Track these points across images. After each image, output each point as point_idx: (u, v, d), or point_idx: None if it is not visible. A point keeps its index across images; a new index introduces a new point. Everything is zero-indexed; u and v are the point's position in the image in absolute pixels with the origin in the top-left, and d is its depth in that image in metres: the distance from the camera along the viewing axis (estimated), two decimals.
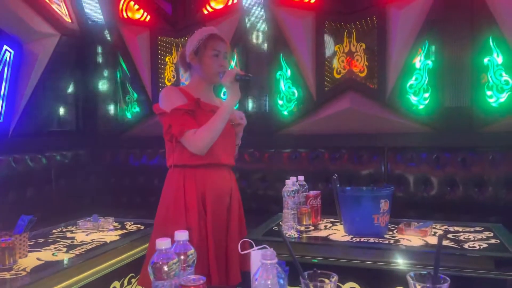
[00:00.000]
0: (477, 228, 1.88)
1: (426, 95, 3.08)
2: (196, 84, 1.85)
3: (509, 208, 2.65)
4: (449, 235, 1.77)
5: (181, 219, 1.69)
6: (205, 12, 3.66)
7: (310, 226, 1.95)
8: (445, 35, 3.00)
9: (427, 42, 3.06)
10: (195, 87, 1.84)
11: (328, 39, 3.34)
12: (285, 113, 3.44)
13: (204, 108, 1.77)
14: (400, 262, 1.58)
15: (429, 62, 3.07)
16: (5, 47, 3.10)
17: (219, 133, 1.71)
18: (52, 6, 3.43)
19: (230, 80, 1.71)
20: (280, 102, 3.46)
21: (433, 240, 1.69)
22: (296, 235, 1.83)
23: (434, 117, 3.05)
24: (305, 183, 2.04)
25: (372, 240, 1.71)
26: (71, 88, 3.80)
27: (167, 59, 3.83)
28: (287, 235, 1.81)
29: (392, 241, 1.69)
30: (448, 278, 0.80)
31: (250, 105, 3.47)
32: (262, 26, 3.43)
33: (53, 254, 1.72)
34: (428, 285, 0.78)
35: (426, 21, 3.05)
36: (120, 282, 1.90)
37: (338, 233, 1.85)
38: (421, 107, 3.10)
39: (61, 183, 3.28)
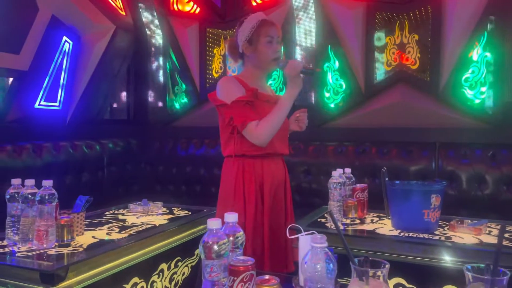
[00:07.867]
0: None
1: (483, 89, 2.92)
2: (250, 73, 1.85)
3: None
4: (506, 235, 1.68)
5: (240, 208, 1.73)
6: (254, 3, 3.68)
7: (356, 220, 1.92)
8: (505, 26, 2.83)
9: (486, 33, 2.89)
10: (249, 77, 1.84)
11: (379, 31, 3.25)
12: (332, 105, 3.39)
13: (261, 98, 1.79)
14: (451, 260, 1.52)
15: (488, 55, 2.91)
16: (64, 38, 3.27)
17: (280, 125, 1.72)
18: None
19: (295, 72, 1.69)
20: (327, 94, 3.41)
21: (487, 239, 1.61)
22: (342, 228, 1.81)
23: (491, 112, 2.89)
24: (351, 175, 2.01)
25: (421, 235, 1.66)
26: (123, 79, 3.96)
27: (215, 50, 3.89)
28: (332, 227, 1.79)
29: (443, 238, 1.63)
30: (508, 272, 0.76)
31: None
32: (311, 17, 3.39)
33: (107, 234, 1.80)
34: (486, 277, 0.75)
35: (485, 11, 2.89)
36: (168, 264, 1.97)
37: (386, 227, 1.80)
38: (477, 101, 2.94)
39: (113, 170, 3.43)
